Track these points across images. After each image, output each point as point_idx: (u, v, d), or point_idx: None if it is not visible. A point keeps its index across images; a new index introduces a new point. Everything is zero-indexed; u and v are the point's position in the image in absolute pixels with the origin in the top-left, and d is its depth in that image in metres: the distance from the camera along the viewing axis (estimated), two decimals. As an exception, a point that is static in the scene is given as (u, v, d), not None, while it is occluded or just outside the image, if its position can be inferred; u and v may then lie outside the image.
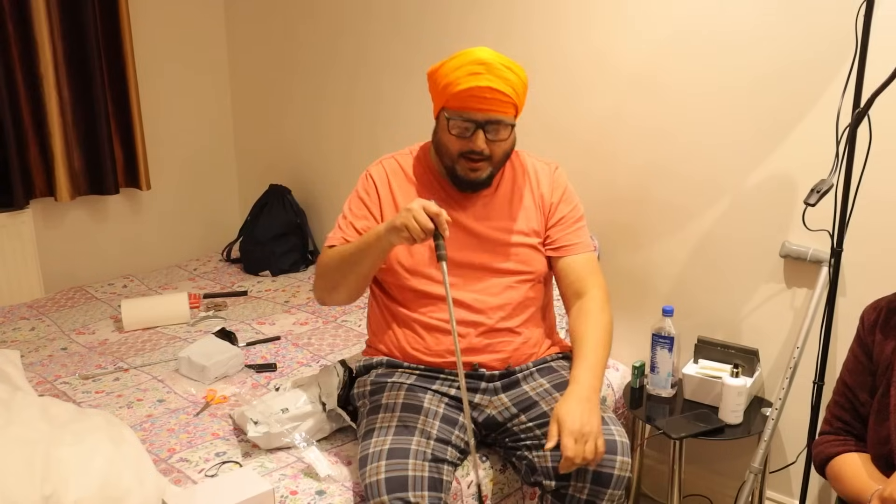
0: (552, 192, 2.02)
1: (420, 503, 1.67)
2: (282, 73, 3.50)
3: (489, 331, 1.94)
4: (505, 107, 1.83)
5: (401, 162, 2.03)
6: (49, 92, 3.06)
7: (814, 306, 2.16)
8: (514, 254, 1.97)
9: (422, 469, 1.71)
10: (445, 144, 1.89)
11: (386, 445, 1.75)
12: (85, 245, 3.39)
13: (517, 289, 1.98)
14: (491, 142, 1.86)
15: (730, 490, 2.47)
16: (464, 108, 1.83)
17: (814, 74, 2.09)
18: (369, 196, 2.00)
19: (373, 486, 1.68)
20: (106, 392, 2.34)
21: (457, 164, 1.90)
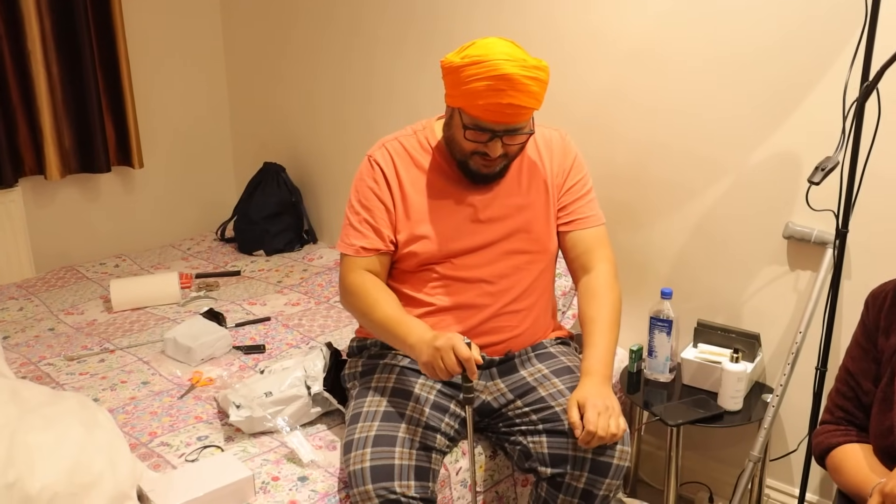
0: (563, 161, 1.95)
1: (406, 493, 1.61)
2: (276, 49, 3.42)
3: (496, 315, 1.89)
4: (525, 116, 1.75)
5: (405, 144, 1.93)
6: (37, 68, 2.99)
7: (817, 290, 2.08)
8: (527, 232, 1.91)
9: (409, 458, 1.65)
10: (459, 142, 1.81)
11: (372, 432, 1.69)
12: (76, 224, 3.34)
13: (528, 269, 1.92)
14: (507, 144, 1.79)
15: (729, 477, 2.41)
16: (483, 119, 1.73)
17: (820, 46, 2.00)
18: (378, 185, 1.89)
19: (357, 475, 1.63)
20: (90, 374, 2.29)
21: (469, 160, 1.82)
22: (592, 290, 1.90)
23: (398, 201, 1.89)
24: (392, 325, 1.77)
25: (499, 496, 2.01)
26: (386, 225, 1.88)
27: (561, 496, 1.75)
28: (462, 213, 1.89)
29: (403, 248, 1.89)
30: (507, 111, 1.70)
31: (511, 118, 1.72)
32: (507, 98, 1.68)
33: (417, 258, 1.88)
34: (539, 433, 1.77)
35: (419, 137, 1.93)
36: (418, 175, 1.90)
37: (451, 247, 1.88)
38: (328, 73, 3.23)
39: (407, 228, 1.88)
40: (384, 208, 1.88)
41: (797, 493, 2.26)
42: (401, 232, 1.89)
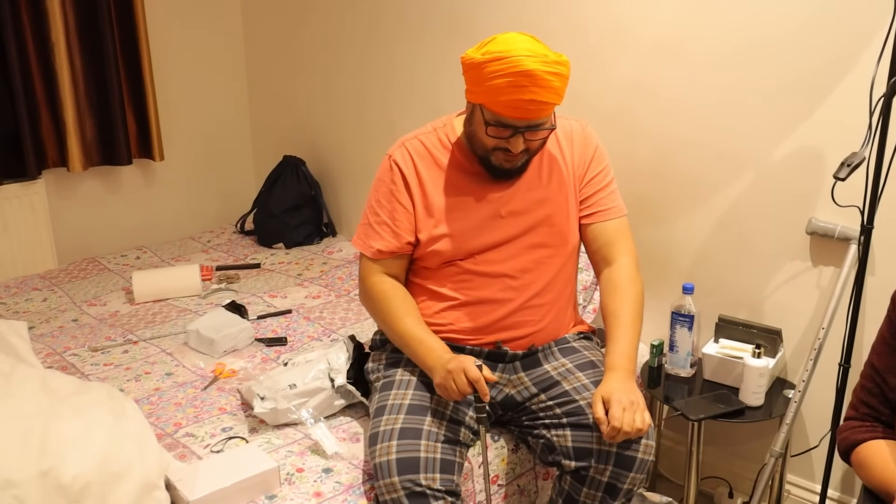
0: (584, 152, 1.95)
1: (431, 485, 1.63)
2: (296, 43, 3.43)
3: (519, 309, 1.89)
4: (546, 112, 1.74)
5: (425, 143, 1.92)
6: (61, 61, 3.02)
7: (841, 285, 2.07)
8: (549, 225, 1.91)
9: (434, 451, 1.67)
10: (480, 139, 1.80)
11: (398, 424, 1.70)
12: (98, 216, 3.36)
13: (551, 263, 1.92)
14: (528, 140, 1.79)
15: (749, 473, 2.41)
16: (505, 116, 1.72)
17: (847, 40, 1.99)
18: (396, 186, 1.89)
19: (383, 467, 1.64)
20: (114, 364, 2.32)
21: (491, 155, 1.82)
22: (615, 284, 1.90)
23: (418, 201, 1.89)
24: (413, 342, 1.82)
25: (520, 489, 2.02)
26: (404, 226, 1.89)
27: (585, 489, 1.75)
28: (483, 209, 1.89)
29: (426, 247, 1.89)
30: (528, 107, 1.70)
31: (533, 114, 1.72)
32: (528, 94, 1.68)
33: (440, 256, 1.89)
34: (563, 427, 1.77)
35: (439, 135, 1.93)
36: (439, 173, 1.91)
37: (474, 243, 1.88)
38: (349, 67, 3.23)
39: (428, 227, 1.89)
40: (403, 209, 1.89)
41: (818, 490, 2.26)
42: (422, 231, 1.89)
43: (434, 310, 1.91)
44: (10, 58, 2.89)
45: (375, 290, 1.90)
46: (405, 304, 1.88)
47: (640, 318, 1.87)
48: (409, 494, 1.61)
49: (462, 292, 1.89)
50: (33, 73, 3.00)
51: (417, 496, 1.61)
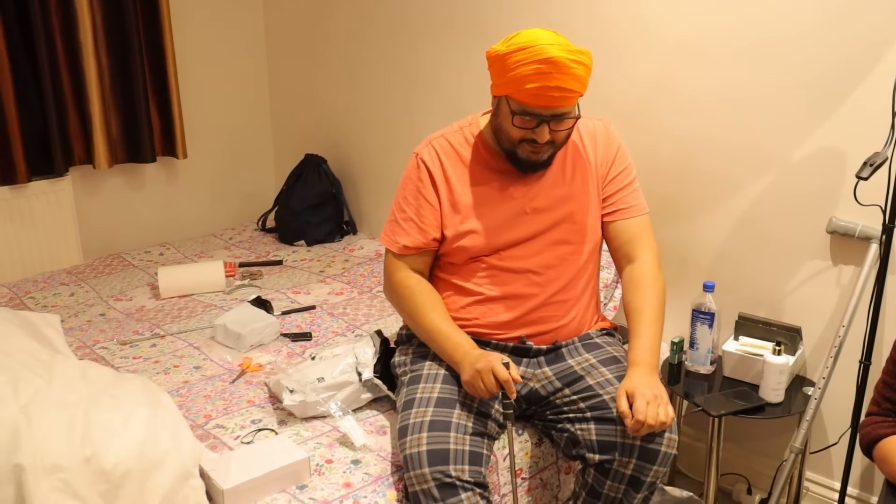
0: (607, 151, 1.98)
1: (461, 477, 1.66)
2: (318, 41, 3.47)
3: (543, 304, 1.93)
4: (571, 101, 1.78)
5: (451, 141, 1.97)
6: (88, 60, 3.07)
7: (861, 284, 2.10)
8: (572, 222, 1.94)
9: (463, 443, 1.70)
10: (507, 131, 1.84)
11: (427, 417, 1.74)
12: (122, 212, 3.42)
13: (575, 259, 1.96)
14: (554, 131, 1.82)
15: (767, 469, 2.43)
16: (530, 104, 1.76)
17: (869, 40, 2.01)
18: (423, 184, 1.94)
19: (413, 458, 1.67)
20: (143, 358, 2.36)
21: (517, 148, 1.85)
22: (637, 280, 1.94)
23: (445, 198, 1.93)
24: (440, 337, 1.86)
25: (543, 483, 2.05)
26: (430, 223, 1.93)
27: (608, 482, 1.78)
28: (509, 206, 1.93)
29: (452, 243, 1.93)
30: (553, 94, 1.73)
31: (558, 102, 1.75)
32: (553, 81, 1.71)
33: (466, 252, 1.93)
34: (587, 420, 1.80)
35: (465, 133, 1.97)
36: (465, 171, 1.94)
37: (499, 239, 1.92)
38: (371, 66, 3.27)
39: (455, 223, 1.93)
40: (429, 206, 1.93)
41: (837, 487, 2.28)
42: (448, 227, 1.93)
43: (460, 304, 1.95)
44: (41, 59, 2.94)
45: (401, 285, 1.94)
46: (431, 299, 1.92)
47: (662, 314, 1.91)
48: (439, 485, 1.64)
49: (487, 287, 1.93)
50: (62, 73, 3.06)
51: (447, 487, 1.65)
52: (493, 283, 1.93)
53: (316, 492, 1.74)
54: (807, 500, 2.39)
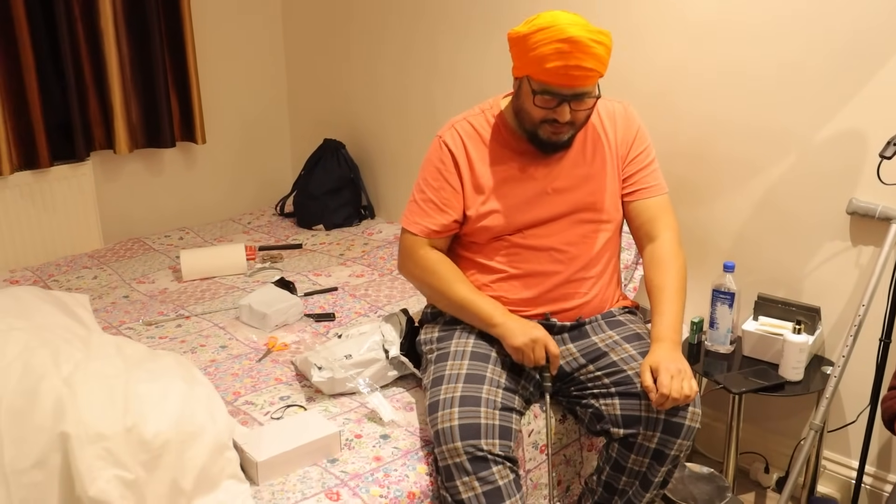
0: (627, 132, 2.01)
1: (492, 450, 1.69)
2: (336, 26, 3.49)
3: (566, 281, 1.96)
4: (591, 80, 1.81)
5: (474, 123, 2.00)
6: (109, 47, 3.09)
7: (881, 264, 2.12)
8: (594, 202, 1.98)
9: (493, 417, 1.73)
10: (528, 112, 1.87)
11: (458, 392, 1.77)
12: (142, 197, 3.45)
13: (596, 237, 1.99)
14: (574, 111, 1.84)
15: (785, 448, 2.46)
16: (551, 84, 1.79)
17: (894, 19, 2.03)
18: (445, 166, 1.97)
19: (446, 432, 1.70)
20: (169, 338, 2.39)
21: (539, 129, 1.88)
22: (658, 258, 1.96)
23: (467, 179, 1.97)
24: (472, 306, 1.92)
25: (566, 459, 2.08)
26: (451, 205, 1.96)
27: (633, 456, 1.81)
28: (531, 186, 1.96)
29: (475, 223, 1.97)
30: (574, 73, 1.76)
31: (578, 81, 1.78)
32: (574, 60, 1.74)
33: (489, 231, 1.96)
34: (612, 395, 1.83)
35: (487, 116, 2.01)
36: (486, 152, 1.98)
37: (522, 219, 1.95)
38: (390, 51, 3.29)
39: (477, 204, 1.96)
40: (451, 189, 1.97)
41: (854, 465, 2.31)
42: (471, 208, 1.97)
43: (483, 282, 1.98)
44: (62, 44, 2.96)
45: (424, 259, 1.98)
46: (454, 270, 1.98)
47: (683, 291, 1.94)
48: (471, 459, 1.68)
49: (511, 265, 1.96)
50: (83, 59, 3.08)
51: (479, 460, 1.68)
52: (516, 261, 1.96)
53: (347, 465, 1.77)
54: (824, 479, 2.42)
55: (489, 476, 1.68)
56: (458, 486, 1.69)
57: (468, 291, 1.93)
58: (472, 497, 1.68)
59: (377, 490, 1.70)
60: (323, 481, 1.72)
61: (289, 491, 1.68)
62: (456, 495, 1.70)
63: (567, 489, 2.10)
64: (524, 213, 1.95)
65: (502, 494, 1.69)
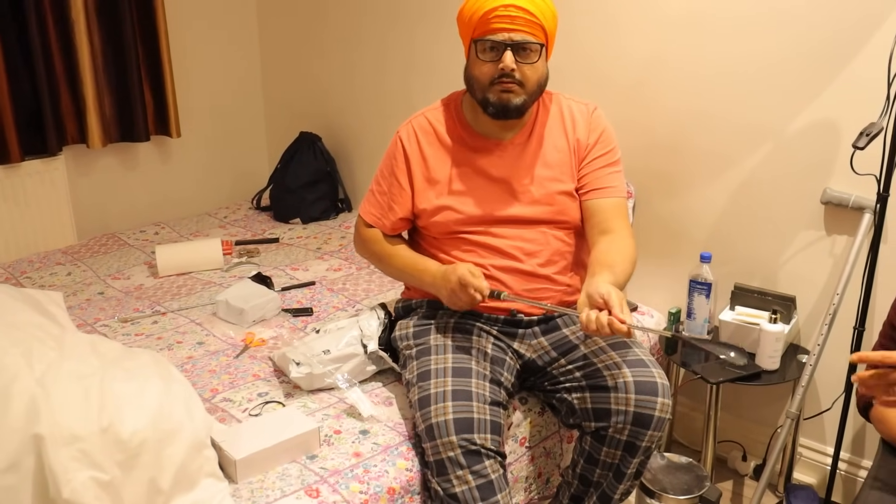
0: (588, 134, 1.98)
1: (485, 444, 1.69)
2: (313, 17, 3.46)
3: (527, 275, 1.94)
4: (531, 27, 1.80)
5: (430, 119, 2.01)
6: (80, 39, 3.04)
7: (855, 253, 2.14)
8: (548, 202, 1.96)
9: (484, 412, 1.74)
10: (477, 76, 1.87)
11: (449, 387, 1.77)
12: (116, 192, 3.41)
13: (551, 237, 1.97)
14: (521, 64, 1.82)
15: (762, 437, 2.48)
16: (489, 31, 1.80)
17: (866, 12, 2.04)
18: (397, 163, 2.01)
19: (441, 426, 1.70)
20: (146, 334, 2.37)
21: (489, 92, 1.86)
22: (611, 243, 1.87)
23: (420, 175, 1.99)
24: (411, 269, 1.99)
25: (546, 451, 2.09)
26: (399, 202, 2.01)
27: (605, 449, 1.81)
28: (485, 183, 1.96)
29: (429, 218, 1.98)
30: (511, 13, 1.77)
31: (516, 22, 1.78)
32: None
33: (443, 227, 1.97)
34: (583, 389, 1.84)
35: (447, 110, 2.01)
36: (441, 148, 1.99)
37: (477, 216, 1.95)
38: (367, 43, 3.27)
39: (430, 199, 1.98)
40: (399, 186, 2.01)
41: (829, 451, 2.34)
42: (423, 203, 1.98)
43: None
44: (32, 37, 2.92)
45: (368, 234, 2.08)
46: (398, 242, 2.06)
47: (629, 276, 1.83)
48: (465, 452, 1.67)
49: (472, 263, 1.94)
50: (53, 51, 3.03)
51: (473, 454, 1.68)
52: (476, 257, 1.95)
53: (327, 461, 1.77)
54: (801, 466, 2.45)
55: (482, 470, 1.68)
56: (451, 479, 1.68)
57: (407, 255, 2.02)
58: (466, 490, 1.68)
59: (357, 486, 1.70)
60: (302, 478, 1.71)
61: (268, 488, 1.67)
62: (449, 489, 1.69)
63: (547, 481, 2.11)
64: (480, 210, 1.95)
65: (494, 488, 1.69)
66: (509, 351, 1.94)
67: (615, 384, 1.77)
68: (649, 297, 2.61)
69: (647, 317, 2.53)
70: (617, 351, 1.83)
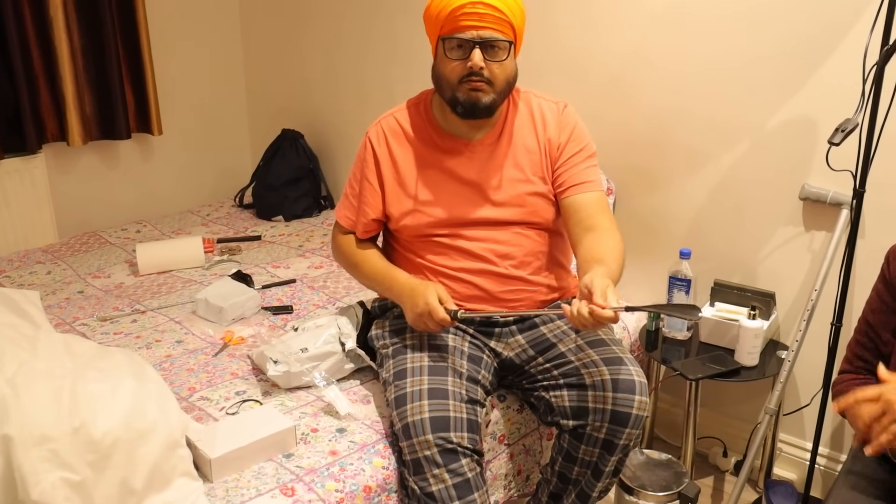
0: (560, 133, 1.94)
1: (461, 443, 1.69)
2: (294, 13, 3.45)
3: (501, 277, 1.94)
4: (500, 24, 1.78)
5: (399, 119, 2.00)
6: (59, 36, 3.02)
7: (832, 249, 2.15)
8: (519, 203, 1.94)
9: (461, 410, 1.73)
10: (445, 74, 1.85)
11: (425, 385, 1.76)
12: (97, 190, 3.39)
13: (524, 238, 1.95)
14: (489, 62, 1.80)
15: (742, 433, 2.49)
16: (457, 29, 1.78)
17: (841, 10, 2.05)
18: (367, 164, 2.01)
19: (417, 425, 1.69)
20: (124, 333, 2.36)
21: (457, 91, 1.83)
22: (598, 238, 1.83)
23: (390, 177, 1.98)
24: (380, 277, 1.99)
25: (526, 449, 2.09)
26: (370, 203, 2.00)
27: (583, 446, 1.81)
28: (455, 185, 1.94)
29: (399, 221, 1.97)
30: (478, 10, 1.75)
31: (484, 19, 1.76)
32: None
33: (414, 229, 1.96)
34: (560, 387, 1.84)
35: (416, 110, 2.00)
36: (411, 150, 1.97)
37: (448, 218, 1.94)
38: (348, 40, 3.26)
39: (400, 201, 1.97)
40: (370, 187, 2.00)
41: (808, 447, 2.35)
42: (393, 205, 1.97)
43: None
44: (9, 33, 2.90)
45: (342, 239, 2.10)
46: (370, 248, 2.06)
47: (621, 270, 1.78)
48: (441, 451, 1.67)
49: (445, 265, 1.95)
50: (32, 48, 3.01)
51: (450, 452, 1.68)
52: (449, 259, 1.95)
53: (303, 460, 1.76)
54: (780, 461, 2.45)
55: (459, 468, 1.68)
56: (428, 478, 1.68)
57: (377, 264, 2.01)
58: (443, 489, 1.68)
59: (333, 485, 1.69)
60: (278, 476, 1.70)
61: (243, 487, 1.66)
62: (426, 488, 1.69)
63: (527, 478, 2.11)
64: (449, 212, 1.94)
65: (471, 486, 1.69)
66: (486, 349, 1.94)
67: (593, 382, 1.77)
68: (630, 294, 2.62)
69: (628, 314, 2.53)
70: (595, 349, 1.83)
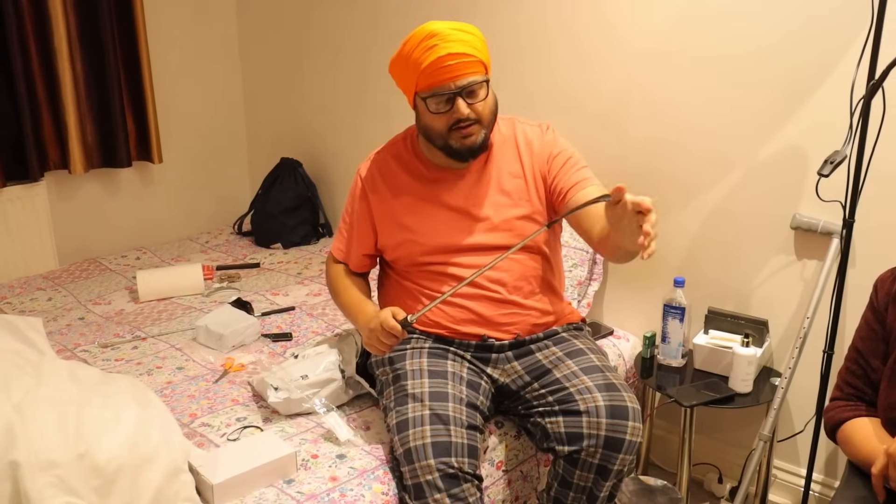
0: (543, 147, 2.00)
1: (462, 468, 1.71)
2: (293, 46, 3.51)
3: (495, 301, 1.97)
4: (472, 66, 1.82)
5: (387, 155, 2.07)
6: (63, 65, 3.08)
7: (824, 277, 2.19)
8: (508, 228, 1.98)
9: (462, 436, 1.76)
10: (431, 126, 1.89)
11: (426, 411, 1.79)
12: (98, 217, 3.42)
13: (515, 262, 1.99)
14: (472, 105, 1.86)
15: (737, 459, 2.51)
16: (434, 84, 1.82)
17: (828, 45, 2.10)
18: (358, 200, 2.08)
19: (419, 450, 1.72)
20: (125, 360, 2.38)
21: (449, 139, 1.89)
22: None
23: (380, 213, 2.04)
24: (350, 308, 2.04)
25: (523, 475, 2.11)
26: (359, 240, 2.09)
27: (578, 472, 1.83)
28: (447, 214, 1.99)
29: (394, 253, 2.03)
30: (449, 62, 1.79)
31: (457, 70, 1.80)
32: (444, 49, 1.79)
33: (408, 259, 2.01)
34: (556, 413, 1.86)
35: (405, 145, 2.06)
36: (400, 183, 2.03)
37: (441, 247, 1.98)
38: (347, 70, 3.31)
39: (392, 232, 2.02)
40: (360, 225, 2.08)
41: (803, 473, 2.37)
42: (386, 238, 2.03)
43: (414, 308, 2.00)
44: (15, 63, 2.95)
45: (333, 268, 2.17)
46: (350, 280, 2.12)
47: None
48: (443, 476, 1.69)
49: (440, 292, 1.98)
50: (36, 78, 3.06)
51: (451, 478, 1.70)
52: (444, 286, 1.98)
53: (303, 486, 1.78)
54: (775, 487, 2.47)
55: (459, 493, 1.70)
56: (429, 502, 1.70)
57: (350, 296, 2.06)
58: None
59: (333, 510, 1.71)
60: (279, 502, 1.72)
61: (244, 513, 1.68)
62: None
63: (523, 504, 2.13)
64: (440, 240, 1.98)
65: None
66: (483, 375, 1.97)
67: (587, 408, 1.79)
68: (624, 321, 2.65)
69: (623, 340, 2.56)
70: (589, 375, 1.86)
